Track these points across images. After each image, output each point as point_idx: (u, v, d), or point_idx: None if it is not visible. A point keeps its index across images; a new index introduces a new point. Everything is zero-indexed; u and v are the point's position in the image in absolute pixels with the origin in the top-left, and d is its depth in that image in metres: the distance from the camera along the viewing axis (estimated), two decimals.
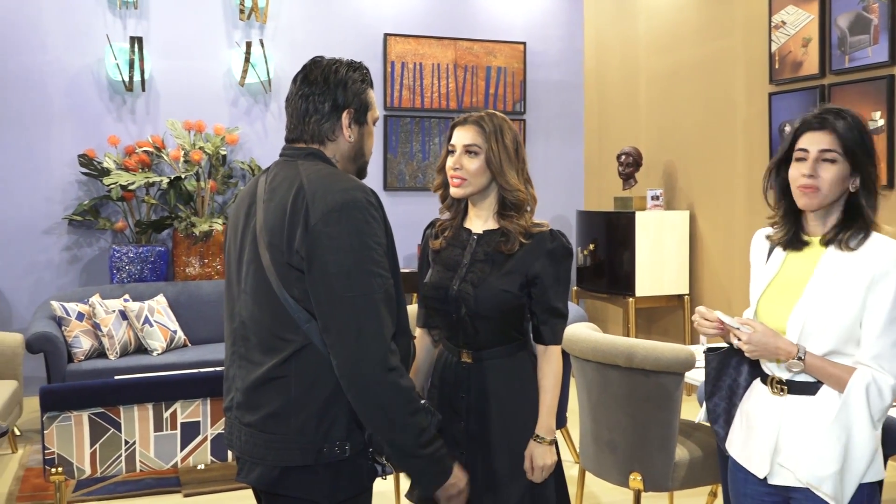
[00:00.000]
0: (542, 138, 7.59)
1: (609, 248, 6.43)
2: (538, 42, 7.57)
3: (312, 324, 1.88)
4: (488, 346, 2.39)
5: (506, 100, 7.43)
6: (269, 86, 6.70)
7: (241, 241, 2.03)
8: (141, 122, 6.49)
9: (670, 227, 6.28)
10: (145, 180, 6.01)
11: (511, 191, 2.38)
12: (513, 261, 2.36)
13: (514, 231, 2.37)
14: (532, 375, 2.40)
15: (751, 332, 2.07)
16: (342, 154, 2.06)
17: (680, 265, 6.31)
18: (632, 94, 7.07)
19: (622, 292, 6.30)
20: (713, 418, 2.32)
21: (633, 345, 3.27)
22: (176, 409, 3.64)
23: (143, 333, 5.56)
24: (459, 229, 2.49)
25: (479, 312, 2.35)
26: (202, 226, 6.04)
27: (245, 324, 1.99)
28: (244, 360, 1.99)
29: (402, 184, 7.11)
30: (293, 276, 1.88)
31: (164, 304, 5.84)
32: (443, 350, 2.52)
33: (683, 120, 6.45)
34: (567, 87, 7.70)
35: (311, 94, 2.02)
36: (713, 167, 6.13)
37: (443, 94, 7.23)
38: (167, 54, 6.54)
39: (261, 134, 6.77)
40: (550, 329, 2.37)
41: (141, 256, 6.07)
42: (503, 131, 2.40)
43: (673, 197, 6.58)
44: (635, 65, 7.02)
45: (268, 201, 1.96)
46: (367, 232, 1.86)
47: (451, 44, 7.25)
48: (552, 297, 2.36)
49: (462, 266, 2.42)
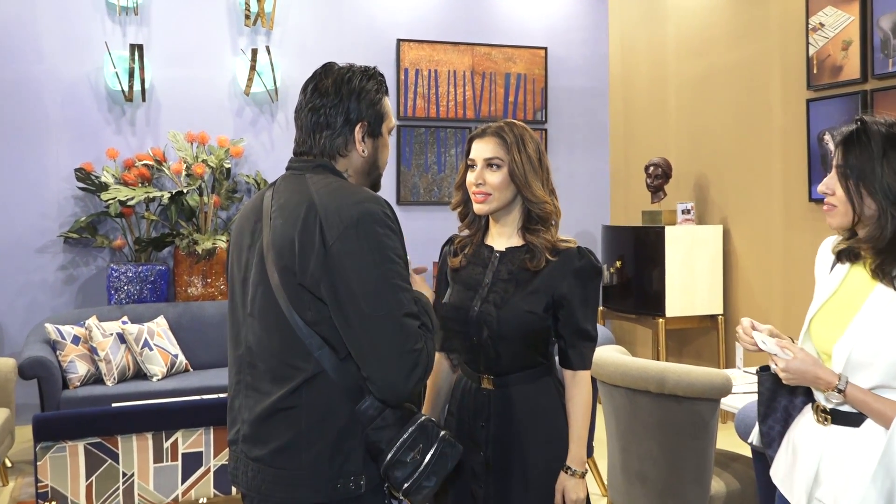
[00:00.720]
0: (564, 149, 7.58)
1: (637, 266, 6.40)
2: (560, 47, 7.57)
3: (325, 350, 1.87)
4: (511, 372, 2.37)
5: (526, 108, 7.43)
6: (275, 95, 6.72)
7: (247, 262, 2.02)
8: (141, 134, 6.52)
9: (702, 243, 6.24)
10: (145, 195, 6.03)
11: (537, 203, 2.37)
12: (538, 280, 2.35)
13: (540, 246, 2.36)
14: (558, 403, 2.38)
15: (789, 357, 2.04)
16: (355, 169, 2.05)
17: (713, 283, 6.27)
18: (660, 102, 7.06)
19: (651, 313, 6.27)
20: (767, 442, 2.29)
21: (665, 369, 3.25)
22: (177, 438, 3.63)
23: (143, 358, 5.56)
24: (480, 246, 2.48)
25: (502, 335, 2.33)
26: (205, 243, 6.06)
27: (252, 350, 1.98)
28: (251, 389, 1.98)
29: (416, 198, 7.11)
30: (305, 298, 1.87)
31: (165, 326, 5.85)
32: (461, 376, 2.50)
33: (716, 128, 6.43)
34: (591, 95, 7.70)
35: (321, 107, 2.02)
36: (748, 178, 6.10)
37: (459, 103, 7.24)
38: (169, 62, 6.58)
39: (267, 146, 6.79)
40: (579, 353, 2.36)
41: (140, 276, 6.08)
42: (525, 141, 2.40)
43: (705, 210, 6.54)
44: (664, 70, 7.01)
45: (276, 219, 1.95)
46: (387, 245, 1.87)
47: (468, 49, 7.27)
48: (580, 319, 2.34)
49: (483, 286, 2.41)
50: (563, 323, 2.35)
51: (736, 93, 6.22)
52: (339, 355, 1.89)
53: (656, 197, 6.53)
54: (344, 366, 1.89)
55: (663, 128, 7.02)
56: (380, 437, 1.89)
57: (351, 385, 1.89)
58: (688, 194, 6.69)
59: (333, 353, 1.88)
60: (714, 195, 6.47)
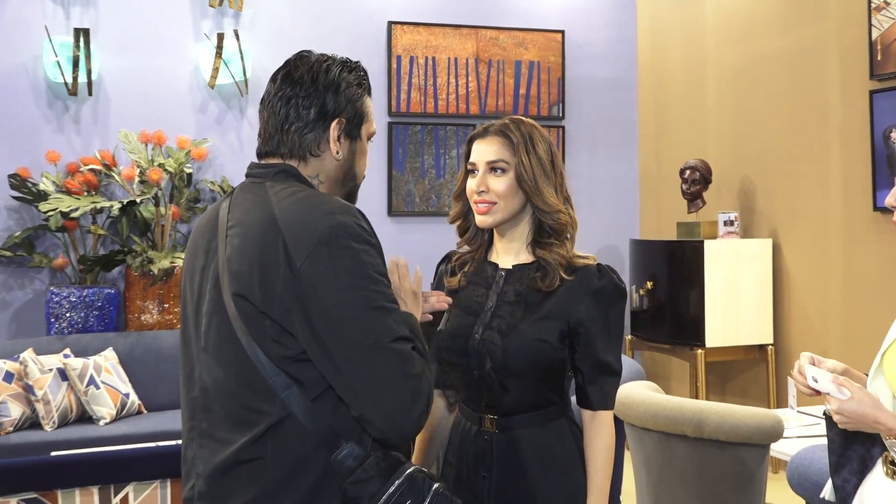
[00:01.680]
0: (585, 150, 7.59)
1: (671, 287, 6.39)
2: (580, 31, 7.60)
3: (293, 390, 1.87)
4: (518, 412, 2.37)
5: (540, 102, 7.45)
6: (245, 88, 6.74)
7: (200, 287, 2.02)
8: (87, 134, 6.54)
9: (748, 260, 6.24)
10: (92, 206, 6.04)
11: (550, 213, 2.38)
12: (551, 303, 2.35)
13: (553, 263, 2.37)
14: (573, 449, 2.38)
15: (844, 397, 2.03)
16: (327, 174, 2.07)
17: (761, 307, 6.26)
18: (698, 94, 7.07)
19: (689, 342, 6.26)
20: (842, 497, 2.28)
21: (704, 409, 3.25)
22: (128, 493, 3.63)
23: (88, 398, 5.55)
24: (483, 264, 2.49)
25: (509, 367, 2.33)
26: (162, 262, 6.06)
27: (207, 391, 1.97)
28: (207, 437, 1.97)
29: (410, 207, 7.12)
30: (270, 330, 1.87)
31: (115, 360, 5.84)
32: (459, 417, 2.49)
33: (763, 125, 6.44)
34: (616, 86, 7.71)
35: (293, 97, 2.04)
36: (801, 184, 6.11)
37: (461, 96, 7.26)
38: (119, 50, 6.60)
39: (235, 147, 6.80)
40: (599, 389, 2.36)
41: (85, 301, 6.08)
42: (534, 140, 2.41)
43: (751, 222, 6.55)
44: (702, 58, 7.03)
45: (233, 236, 1.96)
46: (366, 262, 1.87)
47: (472, 33, 7.29)
48: (601, 349, 2.34)
49: (486, 309, 2.41)
50: (580, 354, 2.35)
51: (786, 84, 6.23)
52: (310, 395, 1.88)
53: (693, 206, 6.53)
54: (316, 408, 1.88)
55: (701, 125, 7.03)
56: (361, 492, 1.88)
57: (325, 430, 1.88)
58: (731, 203, 6.69)
59: (303, 393, 1.88)
60: (761, 204, 6.47)
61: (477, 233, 2.52)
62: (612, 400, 2.37)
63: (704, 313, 6.16)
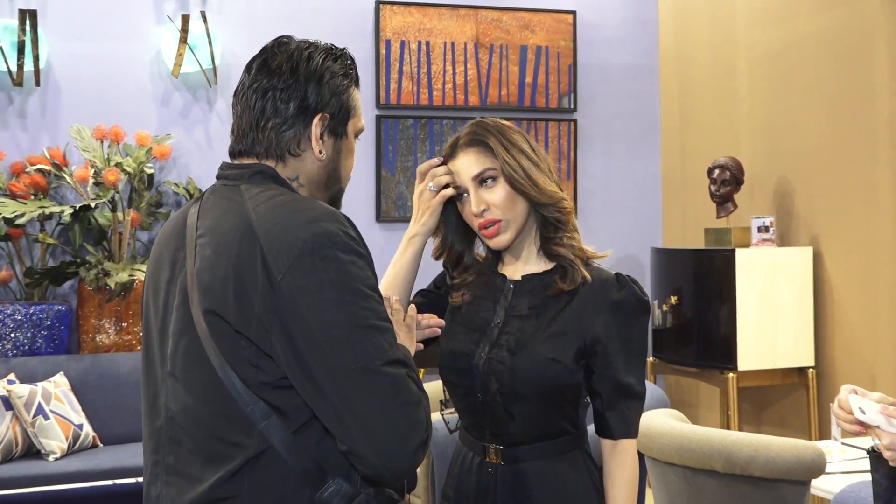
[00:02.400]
0: (600, 146, 7.60)
1: (699, 302, 6.40)
2: (593, 10, 7.62)
3: (273, 420, 1.87)
4: (526, 441, 2.37)
5: (548, 92, 7.46)
6: (214, 77, 6.75)
7: (166, 303, 2.02)
8: (34, 130, 6.54)
9: (786, 271, 6.24)
10: (39, 211, 6.04)
11: (552, 203, 2.41)
12: (565, 317, 2.36)
13: (572, 257, 2.38)
14: (588, 486, 2.39)
15: None
16: (308, 176, 2.07)
17: (800, 325, 6.26)
18: (727, 83, 7.08)
19: (718, 365, 6.25)
20: None
21: (736, 441, 3.25)
22: None
23: (35, 429, 5.55)
24: (490, 276, 2.49)
25: (517, 391, 2.34)
26: (119, 275, 6.06)
27: (174, 421, 1.97)
28: (174, 474, 1.97)
29: (401, 212, 7.12)
30: (246, 352, 1.87)
31: (66, 386, 5.83)
32: (461, 446, 2.49)
33: (801, 118, 6.45)
34: (635, 74, 7.73)
35: (270, 89, 2.05)
36: (845, 185, 6.11)
37: (459, 86, 7.27)
38: (71, 34, 6.61)
39: (202, 144, 6.81)
40: (620, 416, 2.36)
41: (32, 319, 6.08)
42: (507, 134, 2.46)
43: (789, 228, 6.55)
44: (732, 41, 7.04)
45: (203, 246, 1.96)
46: (354, 275, 1.87)
47: (471, 14, 7.31)
48: (621, 370, 2.36)
49: (493, 325, 2.42)
50: (598, 376, 2.36)
51: (828, 71, 6.24)
52: (292, 426, 1.88)
53: (723, 210, 6.53)
54: (298, 440, 1.88)
55: (732, 118, 7.04)
56: None
57: (308, 465, 1.88)
58: (765, 206, 6.69)
59: (284, 423, 1.88)
60: (800, 207, 6.48)
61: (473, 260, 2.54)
62: (636, 427, 2.38)
63: (736, 332, 6.16)
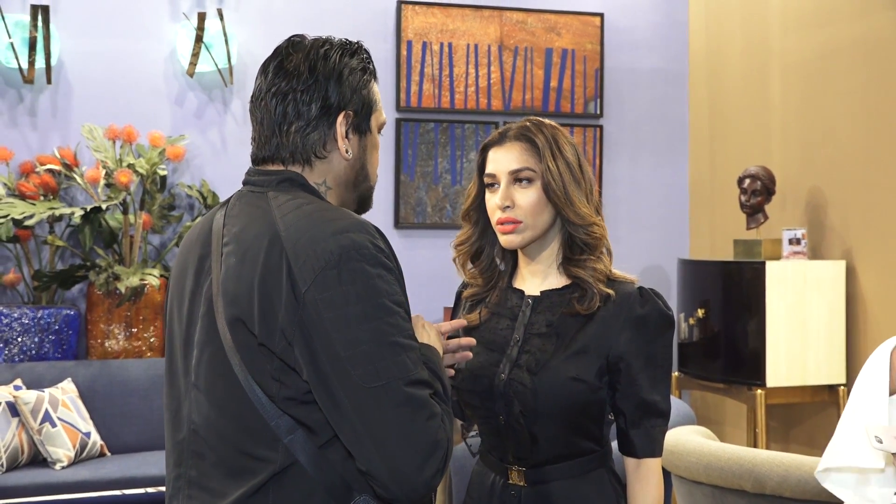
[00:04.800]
0: (627, 154, 7.59)
1: (727, 316, 6.38)
2: (621, 13, 7.61)
3: (299, 434, 1.87)
4: (550, 462, 2.37)
5: (574, 97, 7.46)
6: (230, 76, 6.76)
7: (190, 313, 2.03)
8: (45, 128, 6.56)
9: (817, 285, 6.23)
10: (49, 213, 6.05)
11: (583, 225, 2.40)
12: (587, 334, 2.36)
13: (591, 280, 2.37)
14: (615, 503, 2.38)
15: None
16: (336, 178, 2.07)
17: (832, 341, 6.24)
18: (760, 89, 7.07)
19: (747, 381, 6.24)
20: None
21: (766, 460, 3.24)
22: None
23: (42, 437, 5.56)
24: (507, 291, 2.49)
25: (539, 411, 2.34)
26: (130, 279, 6.07)
27: (197, 434, 1.97)
28: (196, 487, 1.98)
29: (421, 219, 7.13)
30: (270, 365, 1.87)
31: (74, 393, 5.85)
32: (482, 467, 2.50)
33: (836, 127, 6.43)
34: (664, 79, 7.72)
35: (290, 91, 2.05)
36: (880, 196, 6.10)
37: (482, 89, 7.27)
38: (84, 31, 6.63)
39: (217, 146, 6.82)
40: (645, 434, 2.37)
41: (40, 323, 6.10)
42: (560, 143, 2.43)
43: (821, 240, 6.53)
44: (765, 46, 7.03)
45: (229, 255, 1.96)
46: (381, 290, 1.87)
47: (496, 16, 7.31)
48: (645, 387, 2.36)
49: (513, 344, 2.41)
50: (621, 393, 2.36)
51: (864, 78, 6.23)
52: (318, 441, 1.89)
53: (754, 220, 6.52)
54: (324, 455, 1.89)
55: (763, 125, 7.03)
56: None
57: (334, 481, 1.89)
58: (797, 218, 6.68)
59: (310, 437, 1.88)
60: (834, 219, 6.46)
61: (491, 262, 2.53)
62: (660, 446, 2.38)
63: (765, 347, 6.14)
